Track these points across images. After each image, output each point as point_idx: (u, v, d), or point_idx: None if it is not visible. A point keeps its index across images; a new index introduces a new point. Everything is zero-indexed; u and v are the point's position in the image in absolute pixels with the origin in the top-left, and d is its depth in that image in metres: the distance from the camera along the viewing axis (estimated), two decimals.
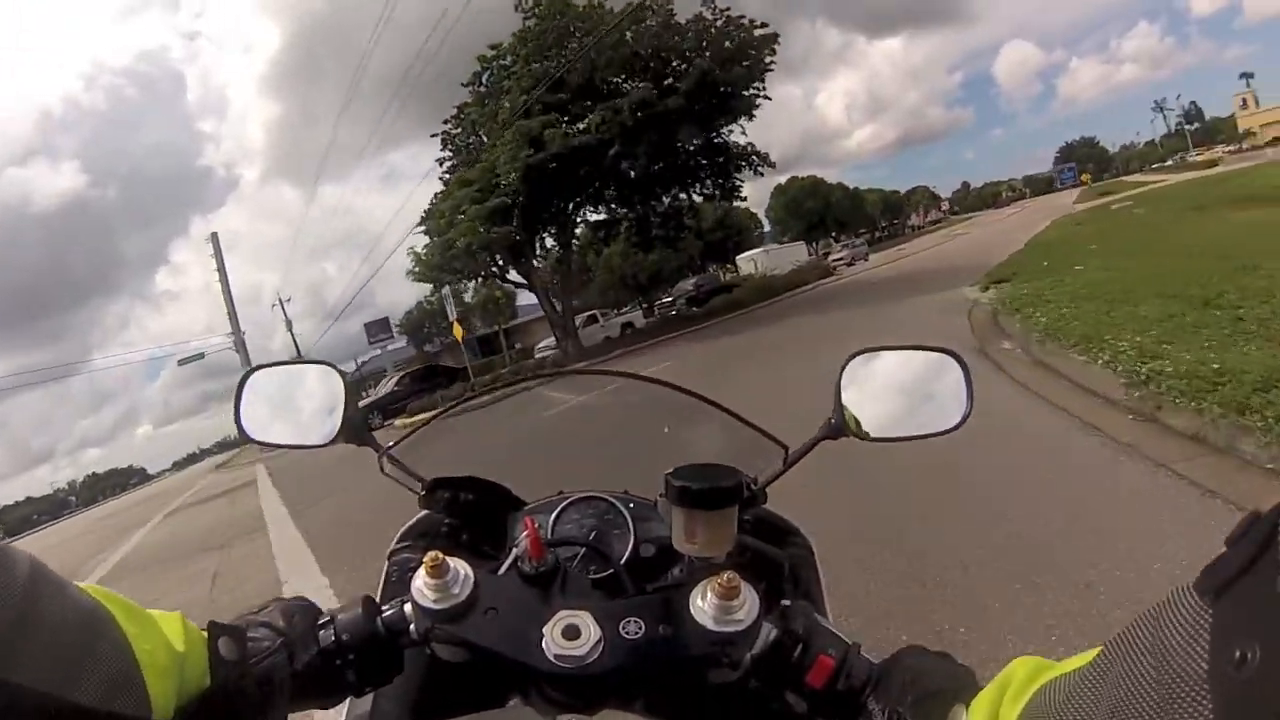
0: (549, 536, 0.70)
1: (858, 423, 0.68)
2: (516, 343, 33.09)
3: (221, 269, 29.56)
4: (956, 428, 0.68)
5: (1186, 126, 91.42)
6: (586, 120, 18.41)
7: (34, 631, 0.32)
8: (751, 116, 20.51)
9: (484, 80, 20.89)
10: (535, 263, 22.32)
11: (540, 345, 26.72)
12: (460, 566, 0.53)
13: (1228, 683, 0.22)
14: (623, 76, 19.35)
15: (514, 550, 0.61)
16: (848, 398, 0.69)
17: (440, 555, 0.52)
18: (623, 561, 0.67)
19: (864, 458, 2.47)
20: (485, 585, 0.53)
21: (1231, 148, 59.80)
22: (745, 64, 19.24)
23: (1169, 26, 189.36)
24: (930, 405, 0.71)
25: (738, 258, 45.39)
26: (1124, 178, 69.88)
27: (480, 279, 23.53)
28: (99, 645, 0.36)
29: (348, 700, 0.58)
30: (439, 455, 0.83)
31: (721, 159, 21.54)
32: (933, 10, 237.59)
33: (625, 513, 0.72)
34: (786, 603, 0.55)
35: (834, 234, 65.88)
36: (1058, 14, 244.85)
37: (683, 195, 22.97)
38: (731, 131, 21.04)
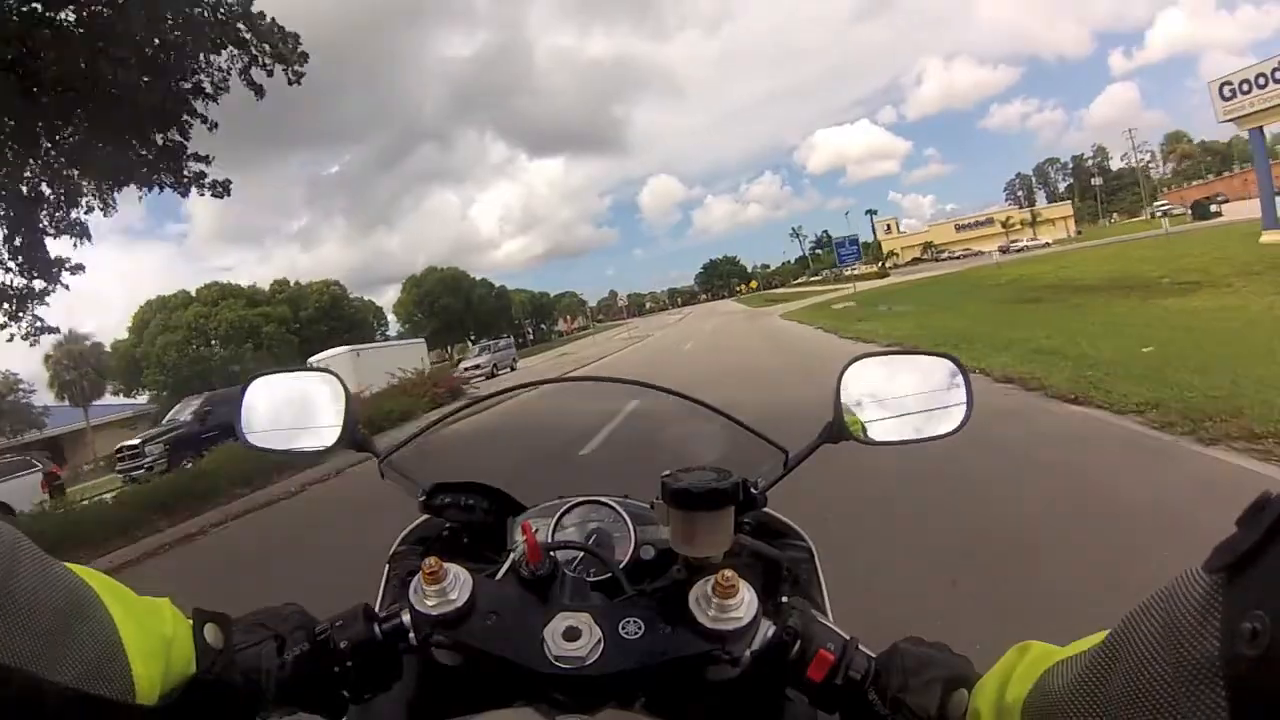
0: (549, 541, 0.71)
1: (859, 427, 0.69)
2: None
3: None
4: (956, 431, 0.69)
5: (818, 250, 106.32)
6: None
7: (12, 607, 0.30)
8: None
9: None
10: None
11: None
12: (458, 572, 0.53)
13: (1241, 659, 0.22)
14: None
15: (512, 555, 0.61)
16: (848, 402, 0.69)
17: (438, 561, 0.52)
18: (623, 564, 0.67)
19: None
20: (483, 590, 0.54)
21: (878, 266, 69.69)
22: None
23: (788, 178, 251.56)
24: (930, 409, 0.71)
25: (311, 360, 27.36)
26: (772, 290, 79.89)
27: None
28: (82, 626, 0.34)
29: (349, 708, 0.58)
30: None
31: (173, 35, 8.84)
32: (593, 140, 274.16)
33: (624, 516, 0.74)
34: (785, 600, 0.56)
35: (471, 336, 58.53)
36: (699, 160, 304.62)
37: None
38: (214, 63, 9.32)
